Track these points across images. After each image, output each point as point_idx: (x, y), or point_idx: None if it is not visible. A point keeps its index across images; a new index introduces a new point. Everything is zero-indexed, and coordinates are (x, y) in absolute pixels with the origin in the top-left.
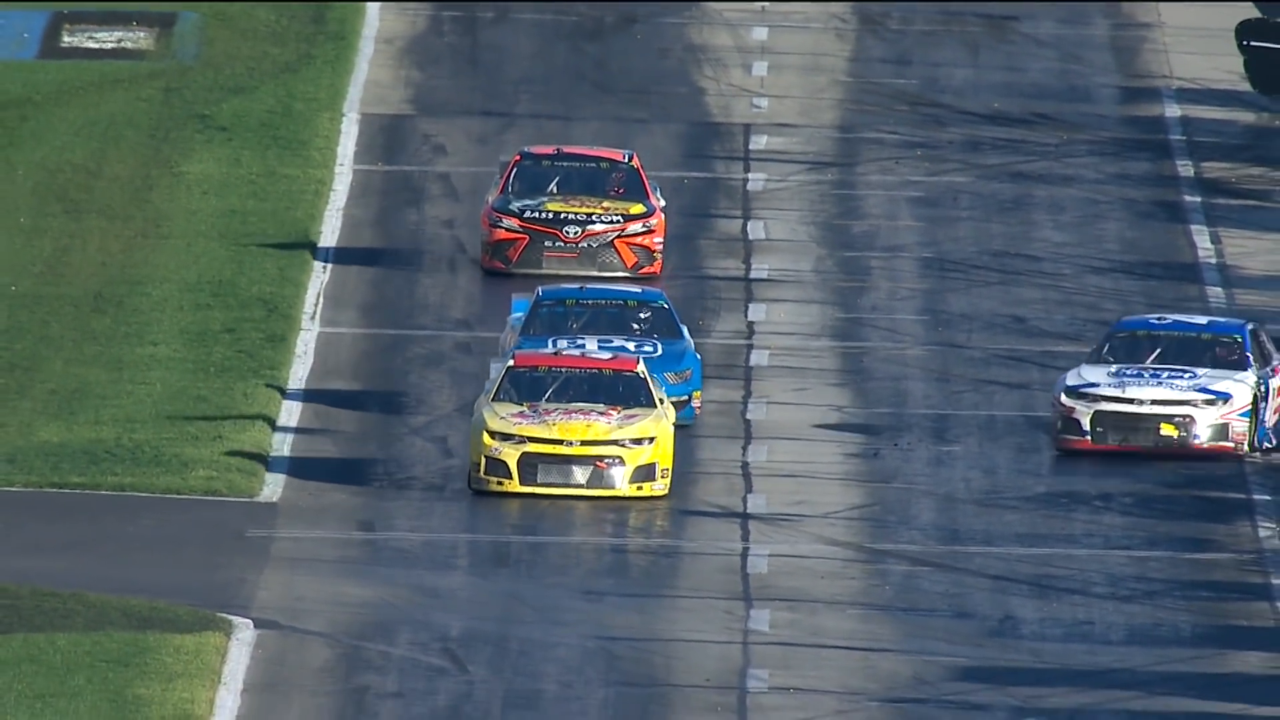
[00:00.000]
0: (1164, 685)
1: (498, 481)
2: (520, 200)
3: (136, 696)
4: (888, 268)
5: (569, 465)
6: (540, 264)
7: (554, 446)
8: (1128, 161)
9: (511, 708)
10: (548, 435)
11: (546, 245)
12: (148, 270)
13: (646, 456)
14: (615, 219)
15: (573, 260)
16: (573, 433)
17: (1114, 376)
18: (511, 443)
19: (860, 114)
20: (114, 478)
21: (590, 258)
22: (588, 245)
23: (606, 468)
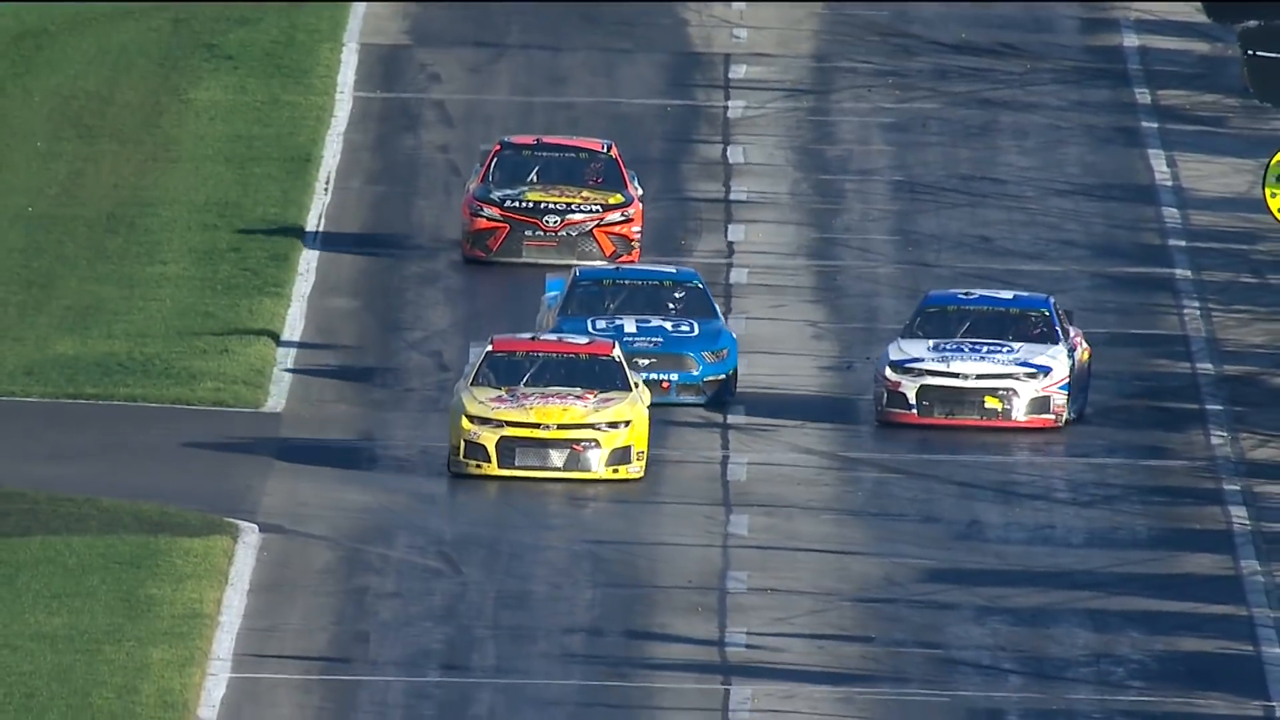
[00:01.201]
0: (1121, 585)
1: (476, 465)
2: (500, 190)
3: (148, 596)
4: (860, 190)
5: (546, 449)
6: (520, 253)
7: (531, 430)
8: (1088, 89)
9: (503, 607)
10: (525, 419)
11: (526, 234)
12: (158, 192)
13: (622, 439)
14: (594, 208)
15: (552, 249)
16: (549, 416)
17: (935, 351)
18: (489, 427)
19: (834, 44)
20: (126, 389)
21: (569, 246)
22: (567, 234)
23: (583, 450)
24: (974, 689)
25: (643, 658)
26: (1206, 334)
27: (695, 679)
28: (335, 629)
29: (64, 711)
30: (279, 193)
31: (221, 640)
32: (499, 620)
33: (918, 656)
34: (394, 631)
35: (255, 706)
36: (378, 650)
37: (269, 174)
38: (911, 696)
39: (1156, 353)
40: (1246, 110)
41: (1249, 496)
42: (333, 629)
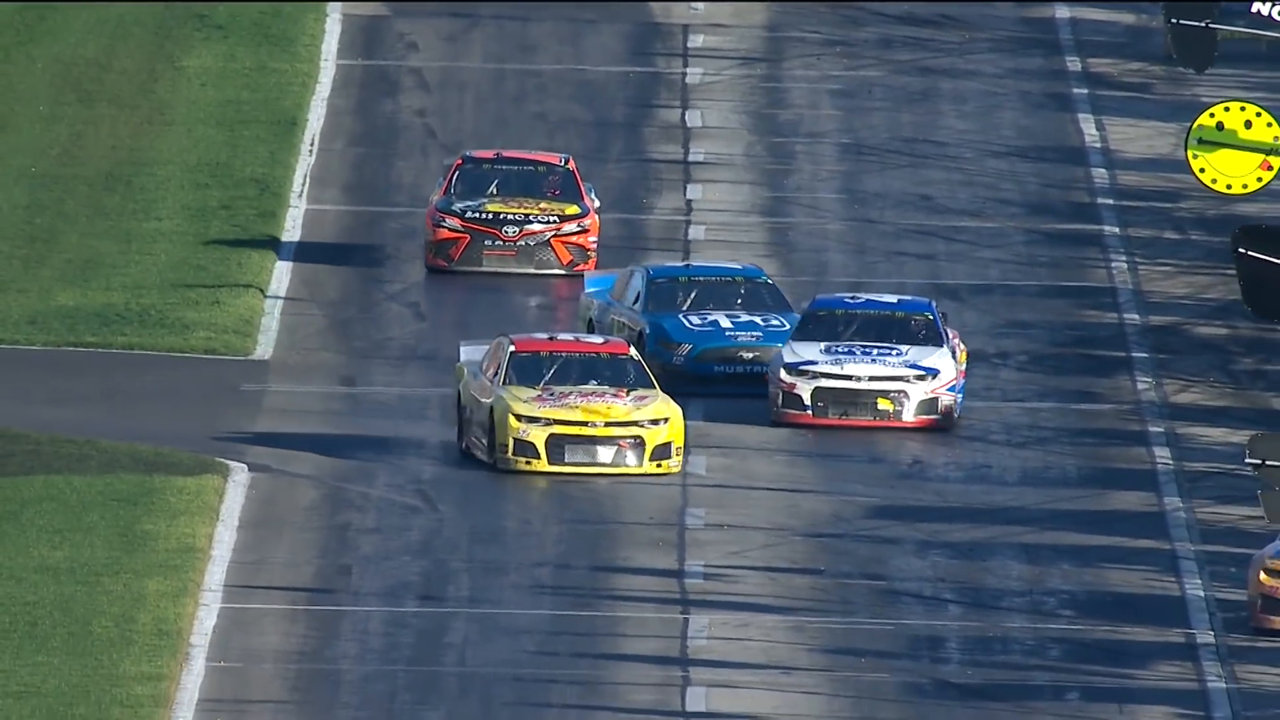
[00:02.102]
0: (1052, 521)
1: (526, 461)
2: (462, 201)
3: (144, 531)
4: (810, 152)
5: (594, 445)
6: (480, 262)
7: (579, 428)
8: (1022, 58)
9: (477, 542)
10: (573, 418)
11: (486, 244)
12: (153, 153)
13: (663, 436)
14: (551, 219)
15: (511, 258)
16: (596, 414)
17: (828, 354)
18: (538, 425)
19: (786, 15)
20: (123, 338)
21: (528, 256)
22: (525, 244)
23: (628, 447)
24: (916, 618)
25: (607, 589)
26: (1133, 286)
27: (656, 609)
28: (319, 562)
29: (66, 639)
30: (266, 154)
31: (212, 573)
32: (473, 554)
33: (863, 588)
34: (374, 565)
35: (244, 635)
36: (359, 582)
37: (257, 136)
38: (858, 625)
39: (1086, 304)
40: (1170, 77)
41: (1172, 438)
42: (317, 562)
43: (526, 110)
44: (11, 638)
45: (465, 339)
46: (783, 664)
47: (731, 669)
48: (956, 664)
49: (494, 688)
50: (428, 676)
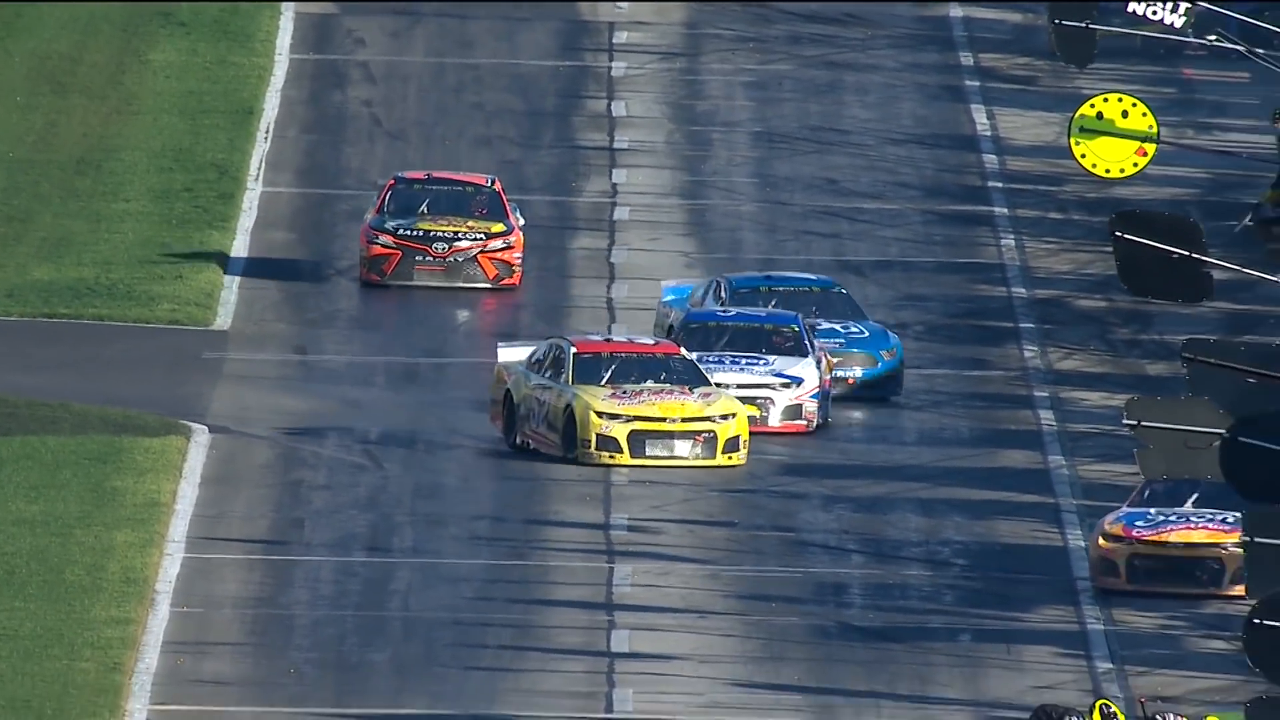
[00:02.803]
0: (947, 478)
1: (609, 455)
2: (394, 220)
3: (113, 488)
4: (725, 139)
5: (673, 440)
6: (412, 276)
7: (659, 424)
8: (919, 53)
9: (419, 498)
10: (652, 414)
11: (417, 260)
12: (121, 140)
13: (733, 430)
14: (479, 237)
15: (440, 273)
16: (672, 410)
17: (700, 363)
18: (620, 421)
19: (703, 14)
20: (94, 310)
21: (456, 271)
22: (454, 260)
23: (703, 441)
24: (822, 566)
25: (538, 541)
26: (1020, 263)
27: (584, 559)
28: (274, 516)
29: (41, 586)
30: (225, 140)
31: (176, 525)
32: (415, 508)
33: (774, 539)
34: (325, 518)
35: (205, 582)
36: (311, 534)
37: (217, 124)
38: (769, 573)
39: (977, 279)
40: (1054, 71)
41: (1056, 401)
42: (272, 516)
43: (465, 100)
44: None
45: (502, 340)
46: (699, 609)
47: (653, 613)
48: (859, 608)
49: (435, 631)
50: (374, 621)
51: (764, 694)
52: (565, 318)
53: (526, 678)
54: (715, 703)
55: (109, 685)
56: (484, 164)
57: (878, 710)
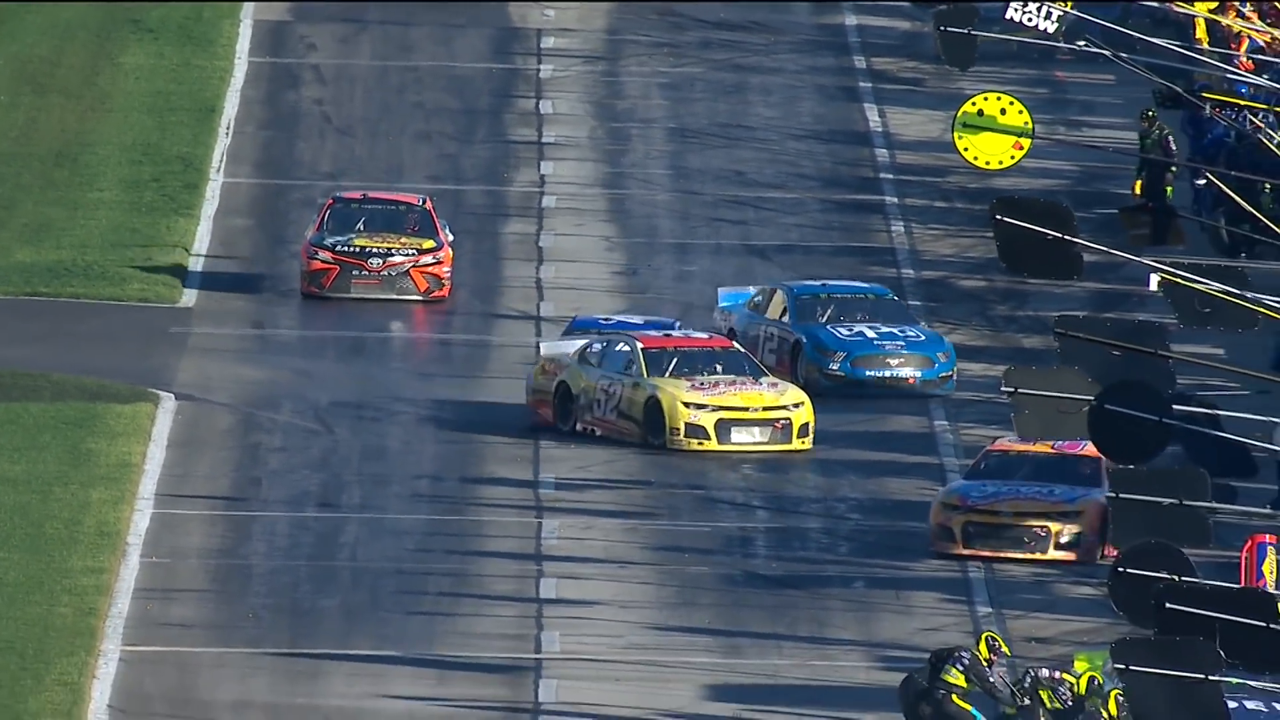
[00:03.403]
0: (843, 440)
1: (698, 442)
2: (333, 236)
3: (89, 450)
4: (643, 135)
5: (754, 426)
6: (349, 289)
7: (741, 412)
8: (817, 57)
9: (366, 459)
10: (734, 403)
11: (354, 274)
12: (95, 136)
13: (804, 416)
14: (411, 252)
15: (376, 286)
16: (752, 400)
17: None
18: (706, 411)
19: (623, 21)
20: (71, 289)
21: (390, 284)
22: (388, 274)
23: (780, 428)
24: (729, 521)
25: (474, 498)
26: (909, 247)
27: (515, 514)
28: (234, 475)
29: (23, 539)
30: (190, 136)
31: (146, 484)
32: (362, 469)
33: (686, 496)
34: (280, 478)
35: (172, 535)
36: (268, 492)
37: (182, 121)
38: (682, 527)
39: (871, 261)
40: (939, 73)
41: None
42: (232, 475)
43: (406, 100)
44: None
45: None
46: (619, 559)
47: (577, 564)
48: (763, 559)
49: (380, 580)
50: (325, 570)
51: (678, 636)
52: (498, 296)
53: (462, 622)
54: (634, 644)
55: (85, 628)
56: (424, 157)
57: (779, 651)
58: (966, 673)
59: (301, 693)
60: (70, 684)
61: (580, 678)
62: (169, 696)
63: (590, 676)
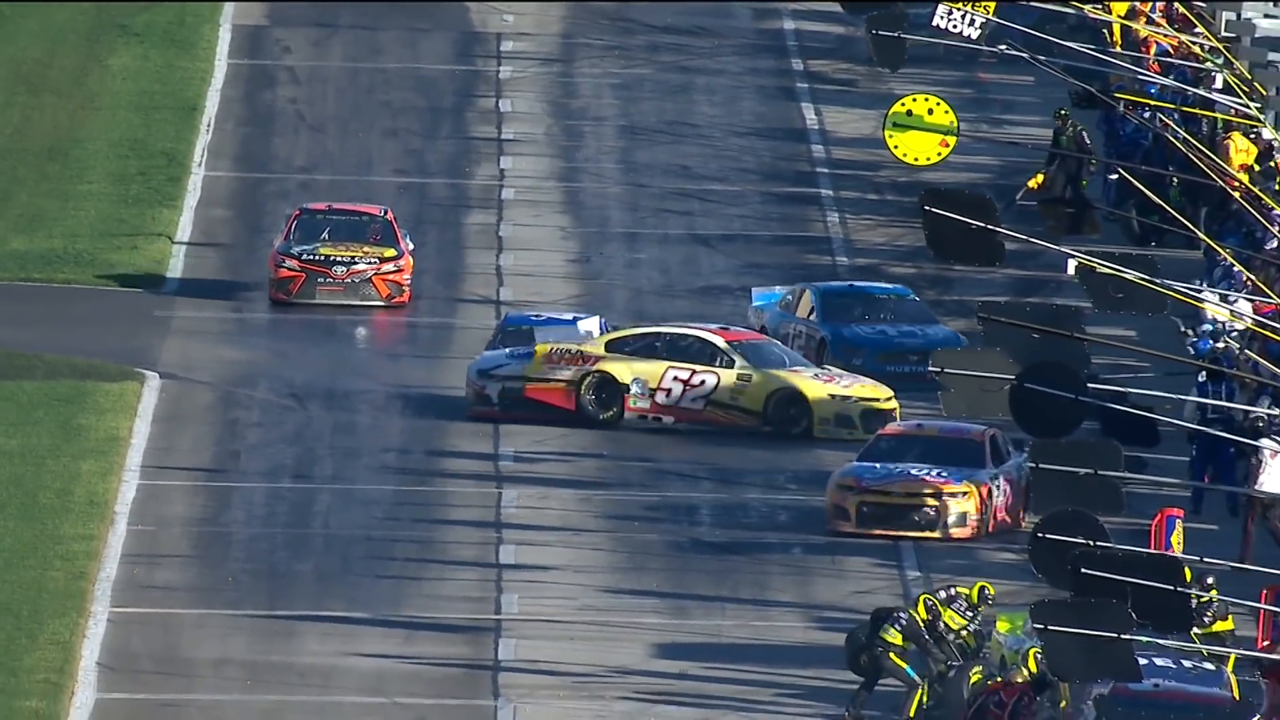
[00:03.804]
0: None
1: (848, 431)
2: (299, 245)
3: (80, 425)
4: (595, 132)
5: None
6: (315, 295)
7: (877, 403)
8: (758, 59)
9: (338, 434)
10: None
11: (319, 281)
12: (85, 132)
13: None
14: (373, 261)
15: (340, 293)
16: (876, 391)
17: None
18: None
19: (577, 26)
20: (62, 275)
21: (354, 290)
22: (352, 281)
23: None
24: (677, 491)
25: (438, 470)
26: (843, 236)
27: (476, 485)
28: (215, 449)
29: (18, 508)
30: (173, 132)
31: (133, 456)
32: (334, 443)
33: (637, 468)
34: (258, 451)
35: (157, 504)
36: (246, 464)
37: (166, 119)
38: (633, 497)
39: (807, 249)
40: (871, 75)
41: None
42: (213, 449)
43: (375, 99)
44: None
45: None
46: (574, 527)
47: (534, 531)
48: (707, 526)
49: (351, 546)
50: (299, 537)
51: (628, 598)
52: (461, 282)
53: (428, 585)
54: (588, 605)
55: (76, 591)
56: (391, 152)
57: (723, 612)
58: (904, 632)
59: (277, 651)
60: (62, 643)
61: (537, 637)
62: (154, 655)
63: (547, 636)
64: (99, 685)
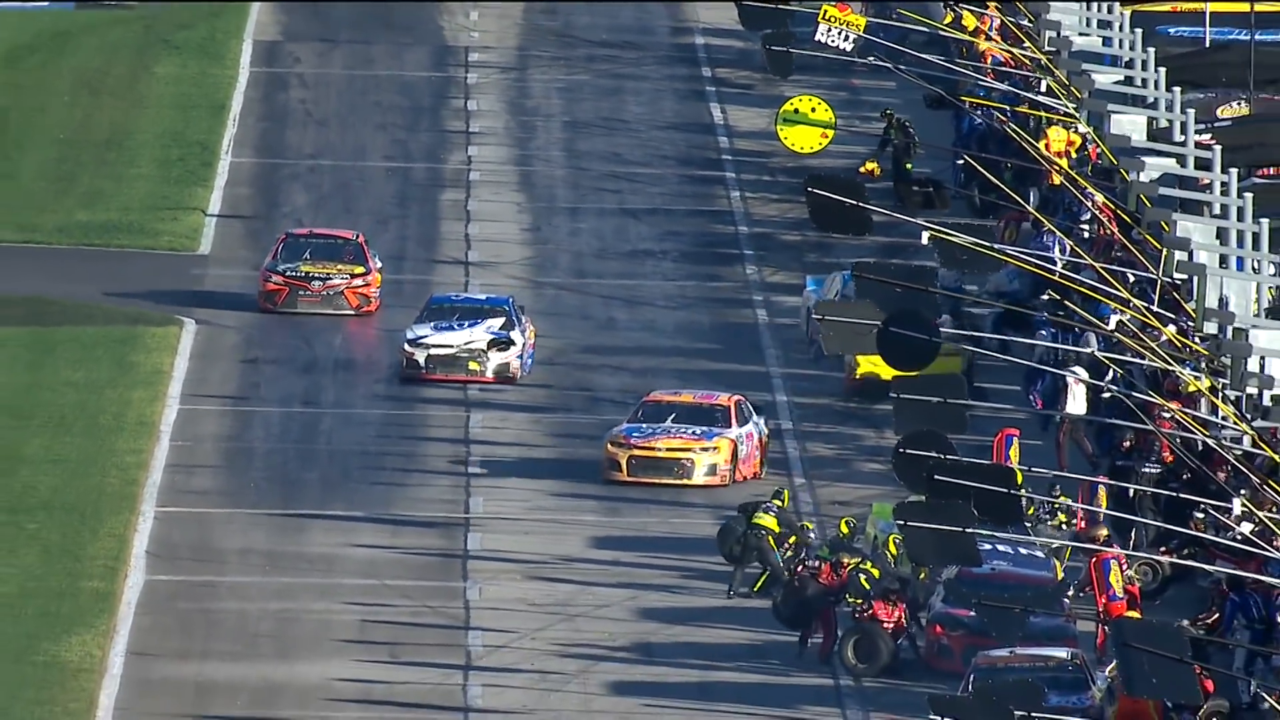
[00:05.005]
0: (697, 355)
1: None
2: (284, 264)
3: (131, 361)
4: (545, 126)
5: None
6: (296, 305)
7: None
8: (675, 67)
9: (338, 370)
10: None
11: (301, 294)
12: (135, 126)
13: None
14: (345, 277)
15: (317, 303)
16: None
17: (435, 330)
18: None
19: (529, 40)
20: (118, 241)
21: (329, 301)
22: (327, 293)
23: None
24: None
25: (419, 397)
26: (743, 210)
27: (449, 409)
28: (239, 381)
29: (82, 428)
30: (206, 127)
31: (174, 386)
32: (336, 377)
33: (578, 396)
34: (274, 382)
35: (193, 425)
36: (265, 393)
37: (201, 115)
38: (575, 419)
39: (715, 221)
40: (766, 80)
41: (769, 304)
42: (238, 381)
43: (368, 99)
44: (47, 428)
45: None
46: (529, 443)
47: (496, 446)
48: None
49: (349, 459)
50: (308, 452)
51: (571, 500)
52: (437, 246)
53: (411, 490)
54: (538, 506)
55: (128, 494)
56: (380, 143)
57: (648, 511)
58: (778, 517)
59: (290, 543)
60: (118, 535)
61: (499, 531)
62: (191, 545)
63: (507, 530)
64: (147, 569)
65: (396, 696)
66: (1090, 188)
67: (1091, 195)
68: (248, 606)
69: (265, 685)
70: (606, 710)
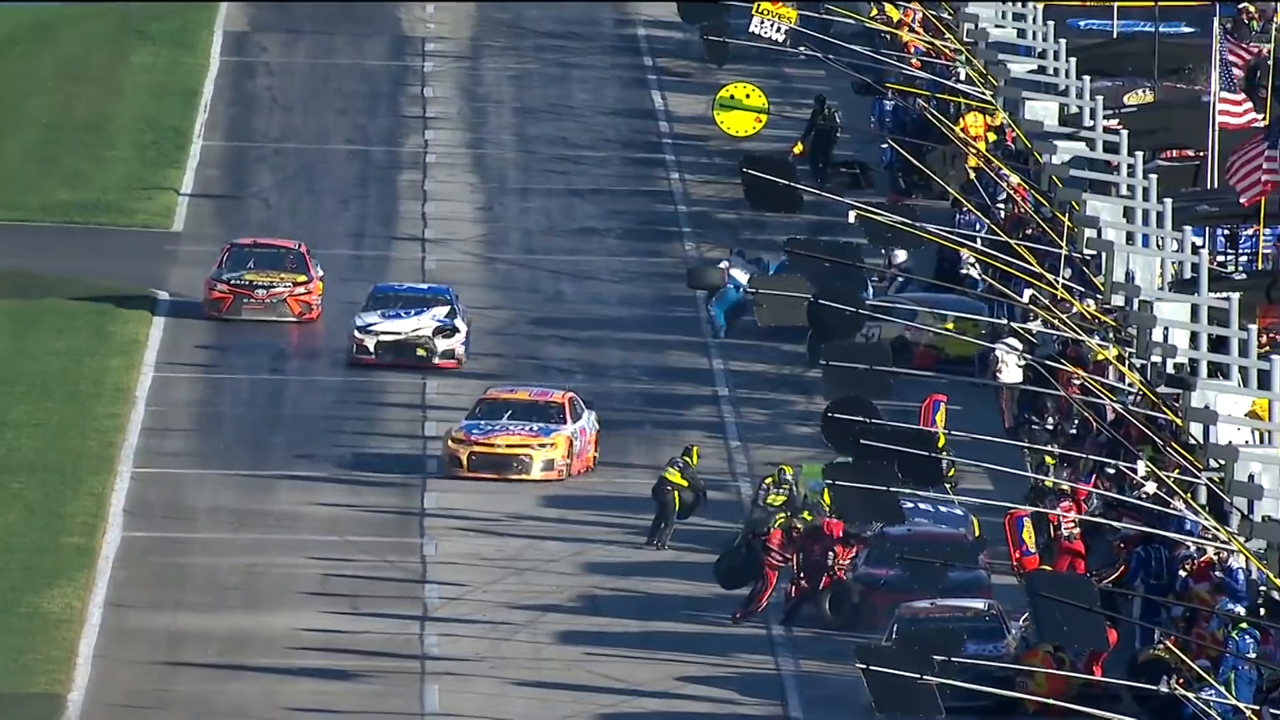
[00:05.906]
0: (634, 325)
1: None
2: (229, 272)
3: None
4: (496, 112)
5: None
6: (241, 312)
7: None
8: (618, 57)
9: (303, 338)
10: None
11: (245, 301)
12: (113, 111)
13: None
14: (288, 285)
15: (261, 310)
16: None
17: (384, 318)
18: None
19: (482, 31)
20: (97, 219)
21: (272, 308)
22: (270, 301)
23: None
24: (552, 381)
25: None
26: (682, 190)
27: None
28: (211, 349)
29: (64, 394)
30: (179, 112)
31: (149, 354)
32: (302, 343)
33: (527, 365)
34: (244, 351)
35: (169, 391)
36: (234, 360)
37: (173, 101)
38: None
39: (656, 201)
40: (704, 69)
41: None
42: (210, 349)
43: (330, 86)
44: (30, 393)
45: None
46: None
47: (450, 411)
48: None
49: (313, 423)
50: (274, 416)
51: None
52: (396, 224)
53: (370, 453)
54: None
55: (106, 455)
56: (342, 127)
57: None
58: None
59: (257, 501)
60: (96, 495)
61: (453, 490)
62: (165, 503)
63: (460, 490)
64: (124, 526)
65: (357, 645)
66: (1006, 169)
67: (1006, 176)
68: (218, 561)
69: (234, 634)
70: (553, 658)
